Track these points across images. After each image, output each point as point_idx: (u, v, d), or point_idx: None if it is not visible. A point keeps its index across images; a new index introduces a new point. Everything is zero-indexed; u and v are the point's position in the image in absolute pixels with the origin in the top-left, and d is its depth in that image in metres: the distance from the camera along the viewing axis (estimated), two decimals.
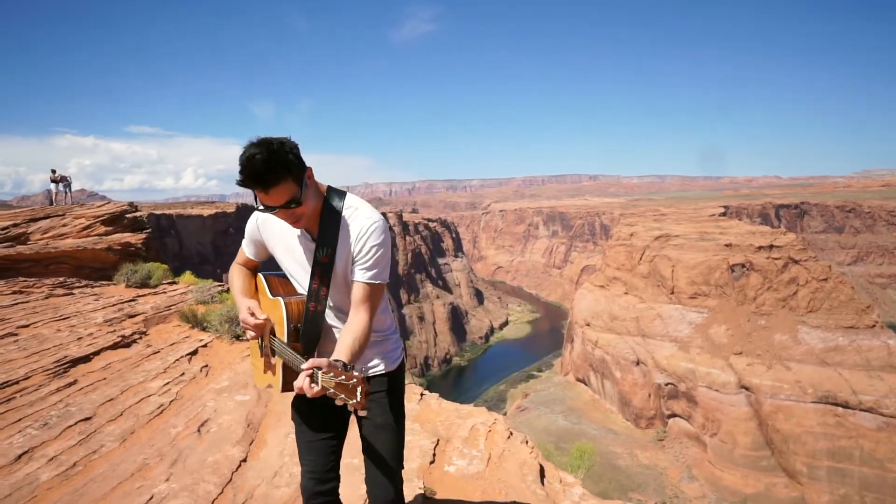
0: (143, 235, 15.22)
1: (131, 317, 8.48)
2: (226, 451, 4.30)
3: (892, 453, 49.12)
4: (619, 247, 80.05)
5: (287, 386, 2.20)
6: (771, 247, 66.48)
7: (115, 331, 7.68)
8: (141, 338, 7.46)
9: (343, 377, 1.84)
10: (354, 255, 2.17)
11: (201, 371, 6.30)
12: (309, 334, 2.21)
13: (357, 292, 2.17)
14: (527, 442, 4.97)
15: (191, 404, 5.25)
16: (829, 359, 55.97)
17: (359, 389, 1.86)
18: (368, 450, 2.43)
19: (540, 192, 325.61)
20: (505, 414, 66.07)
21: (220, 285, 11.11)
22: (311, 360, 1.87)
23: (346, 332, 2.12)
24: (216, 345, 7.40)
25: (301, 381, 1.84)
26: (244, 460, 4.17)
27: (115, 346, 6.96)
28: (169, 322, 8.47)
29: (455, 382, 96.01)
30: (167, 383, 5.76)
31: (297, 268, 2.29)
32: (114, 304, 9.37)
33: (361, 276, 2.17)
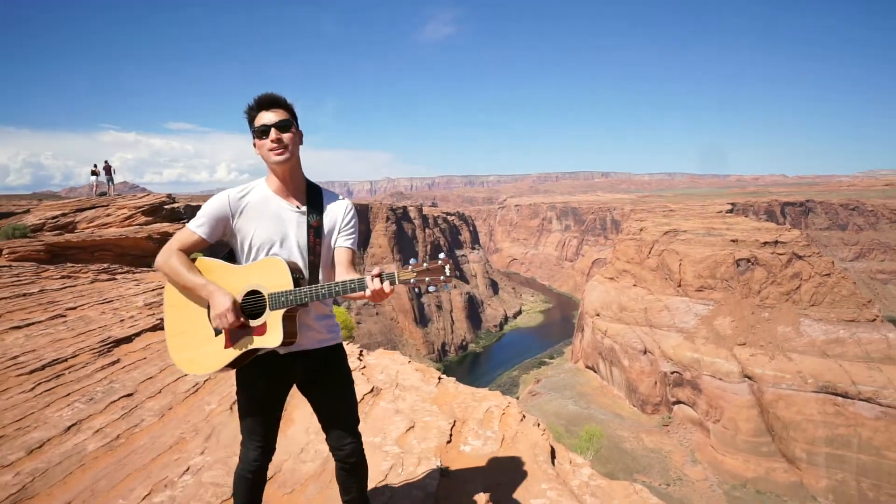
0: (180, 225, 15.42)
1: None
2: None
3: (889, 441, 48.15)
4: (629, 241, 79.25)
5: (289, 337, 2.26)
6: (776, 242, 65.32)
7: (154, 314, 7.81)
8: None
9: (424, 266, 2.06)
10: (342, 225, 2.47)
11: None
12: (312, 281, 2.39)
13: (347, 256, 2.45)
14: (538, 424, 4.95)
15: (224, 383, 5.31)
16: (829, 350, 54.98)
17: (447, 266, 2.05)
18: (340, 408, 2.60)
19: (554, 187, 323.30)
20: (518, 398, 66.15)
21: None
22: (376, 268, 2.11)
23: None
24: None
25: (377, 285, 2.10)
26: None
27: (154, 329, 7.07)
28: None
29: (471, 368, 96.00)
30: None
31: (278, 235, 2.37)
32: (153, 289, 9.50)
33: (350, 243, 2.48)
